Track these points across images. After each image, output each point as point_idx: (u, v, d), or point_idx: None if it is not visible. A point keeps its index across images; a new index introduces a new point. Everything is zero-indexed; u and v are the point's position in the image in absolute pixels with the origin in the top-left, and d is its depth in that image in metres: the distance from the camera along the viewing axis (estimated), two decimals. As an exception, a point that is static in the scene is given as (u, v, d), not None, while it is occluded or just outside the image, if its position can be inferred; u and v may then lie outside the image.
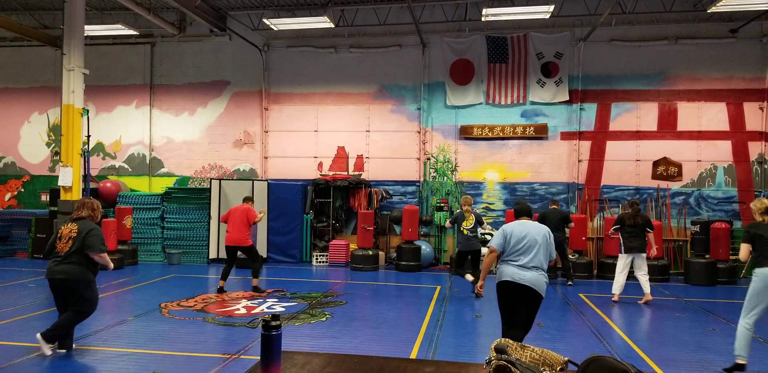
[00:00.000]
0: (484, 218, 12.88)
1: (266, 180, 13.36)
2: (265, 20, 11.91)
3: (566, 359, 2.18)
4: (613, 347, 6.37)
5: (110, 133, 14.70)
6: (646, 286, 8.84)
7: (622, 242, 8.98)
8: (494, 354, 2.10)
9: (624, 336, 6.89)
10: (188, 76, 14.41)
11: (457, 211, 9.51)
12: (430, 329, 6.98)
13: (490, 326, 7.32)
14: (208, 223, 12.80)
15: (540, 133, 12.93)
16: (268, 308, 8.13)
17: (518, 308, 5.03)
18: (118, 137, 14.72)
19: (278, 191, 12.86)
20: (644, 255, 8.84)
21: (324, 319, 7.44)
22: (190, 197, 13.21)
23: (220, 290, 9.08)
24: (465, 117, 13.31)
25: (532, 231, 5.12)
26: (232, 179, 13.56)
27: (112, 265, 5.99)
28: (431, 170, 13.43)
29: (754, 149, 12.25)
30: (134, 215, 12.84)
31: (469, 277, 9.16)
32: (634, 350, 6.28)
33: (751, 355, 5.54)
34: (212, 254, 12.72)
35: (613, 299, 8.98)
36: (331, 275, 11.37)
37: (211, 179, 13.10)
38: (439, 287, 10.02)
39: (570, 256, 11.56)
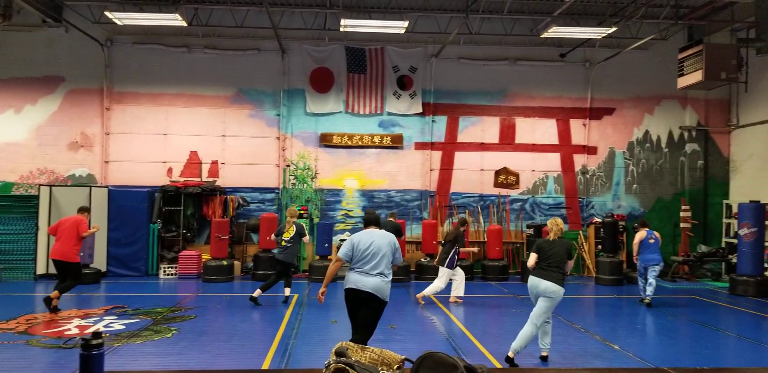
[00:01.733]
0: (342, 225, 13.13)
1: (106, 186, 12.33)
2: (107, 13, 11.04)
3: (403, 357, 2.29)
4: (457, 343, 6.78)
5: None
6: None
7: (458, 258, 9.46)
8: (334, 357, 2.15)
9: (467, 333, 7.37)
10: (14, 69, 12.86)
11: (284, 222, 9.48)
12: (285, 338, 6.90)
13: (345, 332, 7.39)
14: (36, 235, 11.44)
15: (396, 142, 13.44)
16: (105, 326, 7.49)
17: (360, 312, 5.23)
18: (-76, 136, 12.73)
19: (120, 198, 11.90)
20: None
21: (169, 335, 7.02)
22: (13, 205, 11.74)
23: (54, 309, 8.18)
24: (325, 125, 13.42)
25: (378, 240, 5.35)
26: (66, 186, 12.31)
27: None
28: (291, 177, 13.33)
29: (579, 161, 13.82)
30: (-57, 226, 11.13)
31: (287, 291, 9.21)
32: (475, 345, 6.75)
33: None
34: (40, 270, 11.40)
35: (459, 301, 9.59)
36: (181, 288, 10.78)
37: (39, 185, 11.71)
38: (296, 295, 9.94)
39: (422, 259, 12.13)
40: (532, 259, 6.20)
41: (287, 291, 9.27)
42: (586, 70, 13.81)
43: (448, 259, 9.28)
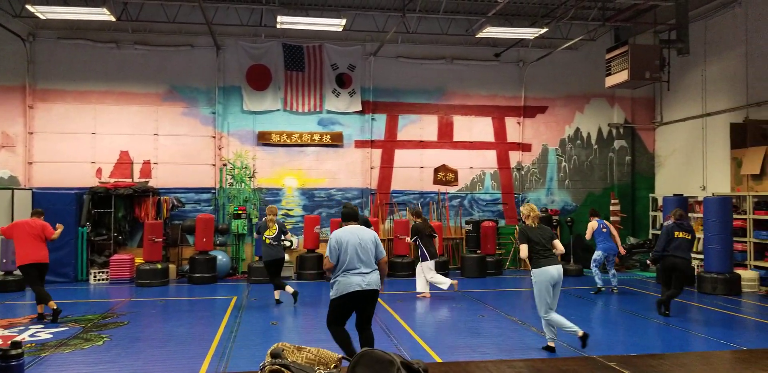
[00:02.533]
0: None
1: (30, 189, 11.67)
2: (29, 7, 10.42)
3: (340, 356, 2.28)
4: (399, 340, 6.84)
5: None
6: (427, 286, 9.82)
7: (424, 249, 9.64)
8: (269, 359, 2.11)
9: (409, 329, 7.45)
10: (-76, 64, 11.97)
11: (263, 219, 9.34)
12: (223, 342, 6.75)
13: (287, 333, 7.35)
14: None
15: (336, 141, 13.38)
16: (30, 336, 7.08)
17: (366, 310, 5.37)
18: None
19: (46, 201, 11.25)
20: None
21: (101, 343, 6.73)
22: (-75, 209, 10.93)
23: (57, 313, 7.79)
24: (263, 123, 13.19)
25: (364, 237, 5.36)
26: (-14, 188, 11.58)
27: None
28: (228, 177, 13.04)
29: (514, 158, 14.22)
30: None
31: (289, 289, 9.01)
32: (416, 341, 6.82)
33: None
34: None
35: (425, 295, 9.76)
36: (113, 294, 10.34)
37: (-44, 188, 10.99)
38: (235, 298, 9.74)
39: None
40: (525, 249, 6.19)
41: (289, 289, 8.99)
42: (520, 69, 14.21)
43: (419, 253, 9.67)
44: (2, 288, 10.08)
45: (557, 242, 6.29)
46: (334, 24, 11.52)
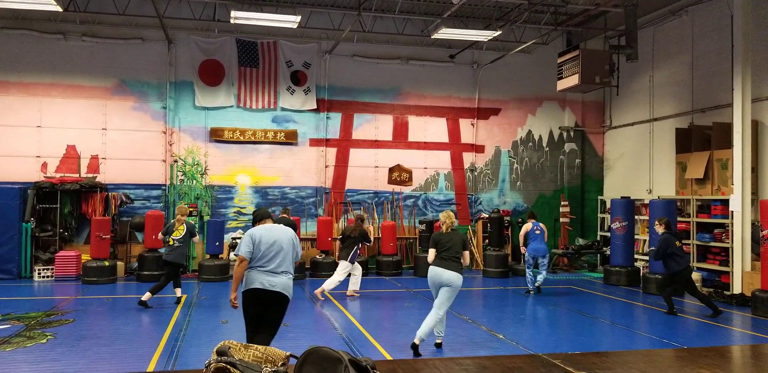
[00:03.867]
0: (235, 223, 12.82)
1: (-30, 183, 11.18)
2: (-32, -6, 9.98)
3: (288, 353, 2.32)
4: (350, 338, 6.91)
5: None
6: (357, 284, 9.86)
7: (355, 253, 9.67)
8: (215, 357, 2.14)
9: (360, 327, 7.53)
10: None
11: (173, 220, 9.17)
12: (172, 340, 6.67)
13: (236, 331, 7.28)
14: None
15: (290, 138, 13.32)
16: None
17: (268, 312, 5.02)
18: None
19: (-13, 195, 10.88)
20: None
21: (44, 341, 6.55)
22: None
23: None
24: (215, 119, 13.01)
25: (281, 236, 5.11)
26: None
27: None
28: (179, 173, 12.80)
29: (468, 159, 14.48)
30: None
31: (178, 292, 8.90)
32: (368, 338, 6.91)
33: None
34: None
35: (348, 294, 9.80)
36: (58, 291, 10.04)
37: None
38: (185, 296, 9.57)
39: (317, 256, 12.19)
40: (431, 253, 6.37)
41: (178, 292, 8.92)
42: (474, 71, 14.48)
43: (351, 254, 9.52)
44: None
45: (466, 253, 6.43)
46: (289, 21, 11.44)
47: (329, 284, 9.41)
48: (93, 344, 6.47)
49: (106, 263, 10.91)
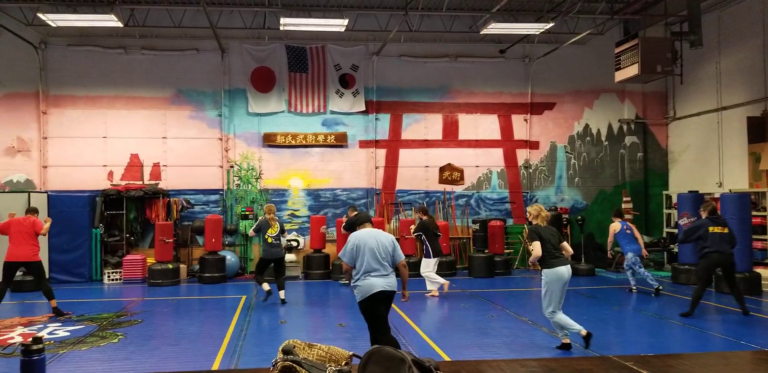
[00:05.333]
0: (289, 225, 13.07)
1: (46, 192, 11.83)
2: (40, 15, 10.58)
3: (351, 353, 2.32)
4: (407, 339, 6.89)
5: None
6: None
7: (429, 246, 9.78)
8: (281, 355, 2.17)
9: (416, 328, 7.51)
10: (-57, 74, 12.17)
11: (260, 218, 9.49)
12: (234, 340, 6.85)
13: (295, 331, 7.43)
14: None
15: (340, 141, 13.45)
16: (49, 333, 7.24)
17: (382, 312, 5.41)
18: None
19: (61, 203, 11.48)
20: None
21: (116, 340, 6.87)
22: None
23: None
24: (268, 124, 13.29)
25: (382, 240, 5.41)
26: (3, 192, 11.80)
27: None
28: (235, 178, 13.15)
29: (521, 156, 14.20)
30: None
31: (266, 286, 9.18)
32: (425, 340, 6.88)
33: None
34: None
35: (433, 294, 9.80)
36: (126, 293, 10.50)
37: (-27, 193, 11.20)
38: (244, 297, 9.84)
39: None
40: (537, 247, 6.12)
41: (282, 294, 9.20)
42: (526, 65, 14.20)
43: (424, 250, 9.87)
44: (19, 287, 10.22)
45: (566, 244, 6.32)
46: (337, 24, 11.59)
47: (433, 284, 9.71)
48: (161, 344, 6.74)
49: (170, 266, 11.34)
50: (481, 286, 11.08)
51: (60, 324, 7.77)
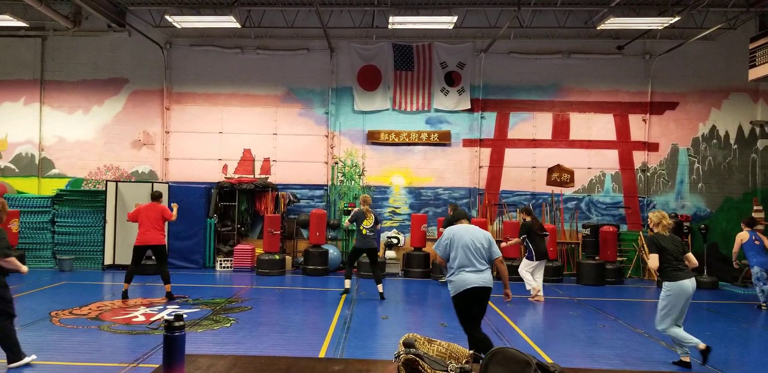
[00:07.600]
0: (390, 223, 13.16)
1: (167, 183, 12.74)
2: (167, 17, 11.39)
3: (471, 352, 2.23)
4: (511, 343, 6.65)
5: (-8, 131, 13.47)
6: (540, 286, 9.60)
7: (532, 248, 9.48)
8: (403, 348, 2.11)
9: (522, 333, 7.23)
10: (83, 72, 13.47)
11: (355, 209, 9.57)
12: (338, 332, 6.96)
13: (397, 327, 7.42)
14: (104, 227, 11.99)
15: (443, 139, 13.31)
16: (168, 315, 7.75)
17: (478, 307, 5.33)
18: (4, 136, 13.49)
19: (180, 194, 12.28)
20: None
21: (228, 325, 7.22)
22: (83, 199, 12.37)
23: (125, 295, 8.71)
24: (372, 122, 13.44)
25: (478, 236, 5.36)
26: (130, 181, 12.84)
27: (25, 268, 5.39)
28: (339, 174, 13.43)
29: (638, 158, 13.31)
30: (21, 219, 11.75)
31: (348, 283, 9.35)
32: (530, 346, 6.60)
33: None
34: (108, 260, 11.95)
35: (538, 298, 9.50)
36: (236, 281, 11.04)
37: (107, 181, 12.29)
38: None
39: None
40: (654, 259, 5.78)
41: (380, 287, 9.34)
42: (646, 62, 13.30)
43: (527, 252, 9.63)
44: (141, 271, 11.03)
45: (690, 255, 5.86)
46: (445, 22, 11.44)
47: (535, 286, 9.50)
48: (269, 331, 6.98)
49: (277, 257, 11.78)
50: (590, 294, 10.50)
51: (178, 306, 8.30)
